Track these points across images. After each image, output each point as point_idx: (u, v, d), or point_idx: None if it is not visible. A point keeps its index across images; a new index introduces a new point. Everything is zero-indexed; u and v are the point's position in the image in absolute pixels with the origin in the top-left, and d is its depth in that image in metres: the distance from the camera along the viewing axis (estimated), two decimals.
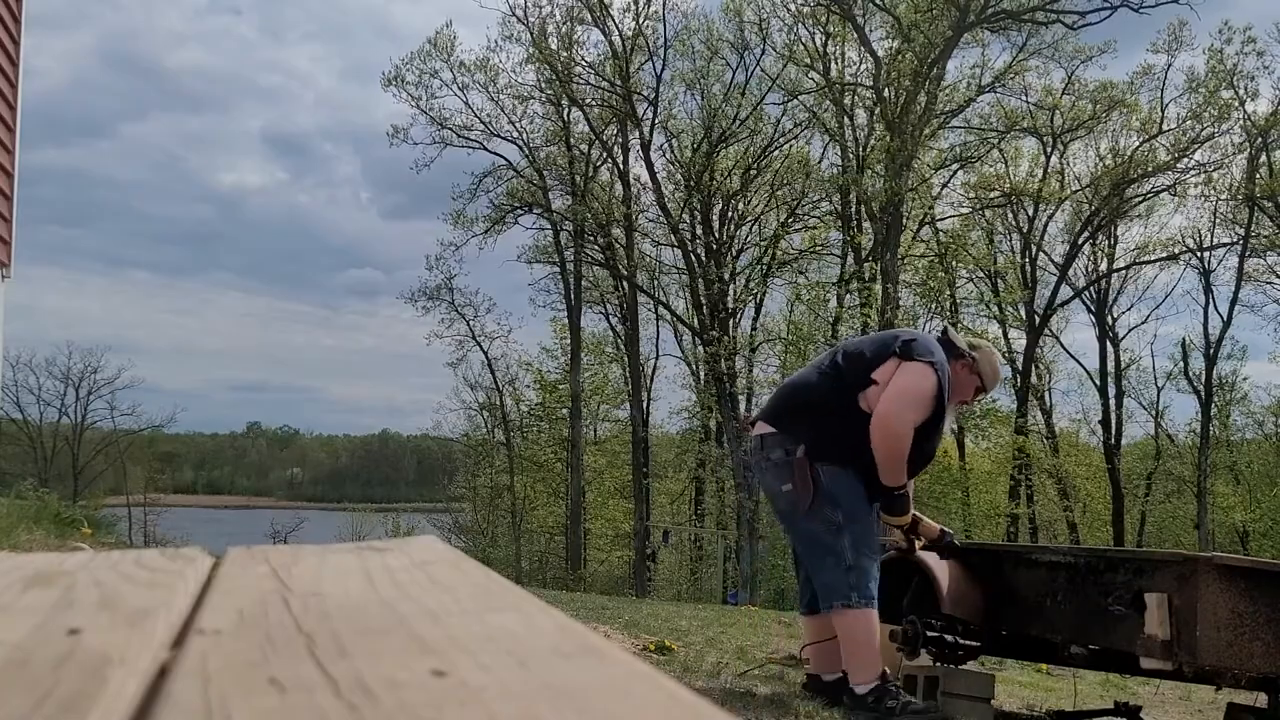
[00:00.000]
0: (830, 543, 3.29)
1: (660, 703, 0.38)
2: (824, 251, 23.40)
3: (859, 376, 3.38)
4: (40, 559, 0.70)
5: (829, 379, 3.46)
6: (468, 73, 22.37)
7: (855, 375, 3.39)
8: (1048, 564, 3.45)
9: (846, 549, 3.28)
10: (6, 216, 6.72)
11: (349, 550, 0.72)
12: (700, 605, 11.51)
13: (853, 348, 3.56)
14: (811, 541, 3.37)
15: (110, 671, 0.41)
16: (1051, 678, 5.46)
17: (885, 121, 18.70)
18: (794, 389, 3.61)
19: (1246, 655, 2.96)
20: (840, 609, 3.27)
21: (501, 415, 27.29)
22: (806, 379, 3.59)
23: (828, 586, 3.32)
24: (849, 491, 3.33)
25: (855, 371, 3.40)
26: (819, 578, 3.38)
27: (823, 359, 3.67)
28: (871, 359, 3.39)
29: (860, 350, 3.49)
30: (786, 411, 3.50)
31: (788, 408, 3.51)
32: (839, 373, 3.45)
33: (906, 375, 3.32)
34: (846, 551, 3.28)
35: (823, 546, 3.31)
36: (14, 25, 6.79)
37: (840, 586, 3.26)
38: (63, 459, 37.36)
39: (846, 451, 3.33)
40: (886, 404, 3.28)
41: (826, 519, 3.30)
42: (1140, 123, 22.00)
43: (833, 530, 3.29)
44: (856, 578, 3.25)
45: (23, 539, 6.62)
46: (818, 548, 3.34)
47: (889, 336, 3.61)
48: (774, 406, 3.61)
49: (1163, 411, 26.95)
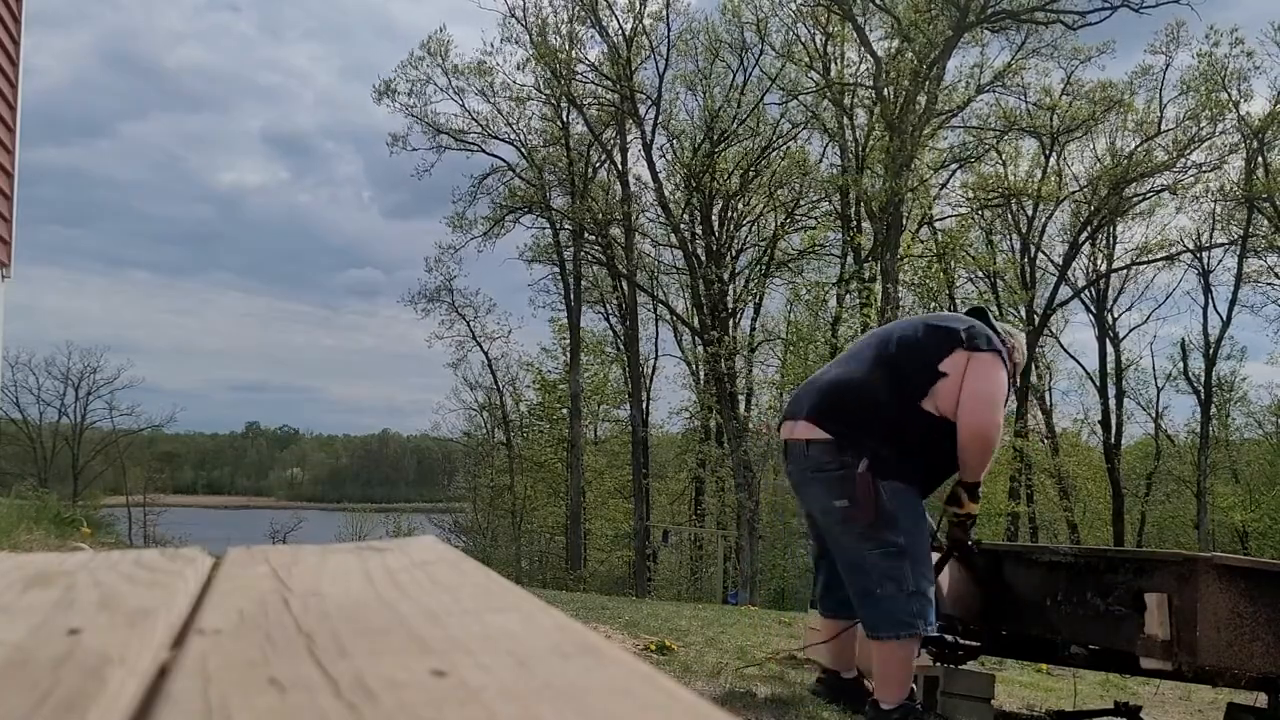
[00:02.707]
0: (888, 567, 3.01)
1: (660, 703, 0.38)
2: (824, 251, 23.40)
3: (922, 370, 3.06)
4: (40, 559, 0.70)
5: (886, 376, 3.08)
6: (463, 76, 22.40)
7: (916, 369, 3.07)
8: (1048, 564, 3.45)
9: (908, 574, 3.02)
10: (6, 216, 6.71)
11: (349, 550, 0.72)
12: (700, 605, 11.51)
13: (906, 336, 3.17)
14: (864, 564, 3.05)
15: (110, 671, 0.41)
16: (1051, 678, 5.46)
17: (885, 121, 18.70)
18: (846, 387, 3.14)
19: (1246, 655, 2.96)
20: (900, 639, 3.02)
21: (502, 415, 27.30)
22: (859, 375, 3.14)
23: (888, 614, 3.01)
24: (910, 510, 3.06)
25: (916, 365, 3.07)
26: (873, 603, 3.05)
27: (864, 349, 3.23)
28: (933, 350, 3.07)
29: (914, 339, 3.14)
30: (840, 413, 3.09)
31: (841, 409, 3.10)
32: (896, 368, 3.09)
33: (985, 369, 3.03)
34: (908, 577, 3.02)
35: (879, 571, 3.02)
36: (14, 25, 6.78)
37: (902, 615, 3.00)
38: (62, 459, 37.37)
39: (909, 465, 3.05)
40: (979, 409, 3.00)
41: (886, 542, 3.02)
42: (1138, 123, 22.01)
43: (892, 554, 3.01)
44: (920, 605, 3.02)
45: (23, 539, 6.62)
46: (872, 572, 3.03)
47: (943, 323, 3.21)
48: (821, 406, 3.13)
49: (1162, 411, 27.00)
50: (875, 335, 3.34)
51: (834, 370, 3.29)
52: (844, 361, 3.30)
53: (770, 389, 25.43)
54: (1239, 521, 24.81)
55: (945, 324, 3.21)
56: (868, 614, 3.08)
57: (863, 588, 3.07)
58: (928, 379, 3.04)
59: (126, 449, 38.92)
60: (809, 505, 3.26)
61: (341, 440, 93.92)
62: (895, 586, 3.00)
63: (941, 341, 3.09)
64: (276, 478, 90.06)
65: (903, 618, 3.00)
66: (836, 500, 3.05)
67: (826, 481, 3.06)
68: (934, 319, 3.33)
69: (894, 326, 3.33)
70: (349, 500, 61.60)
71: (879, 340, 3.24)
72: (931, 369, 3.04)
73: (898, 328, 3.30)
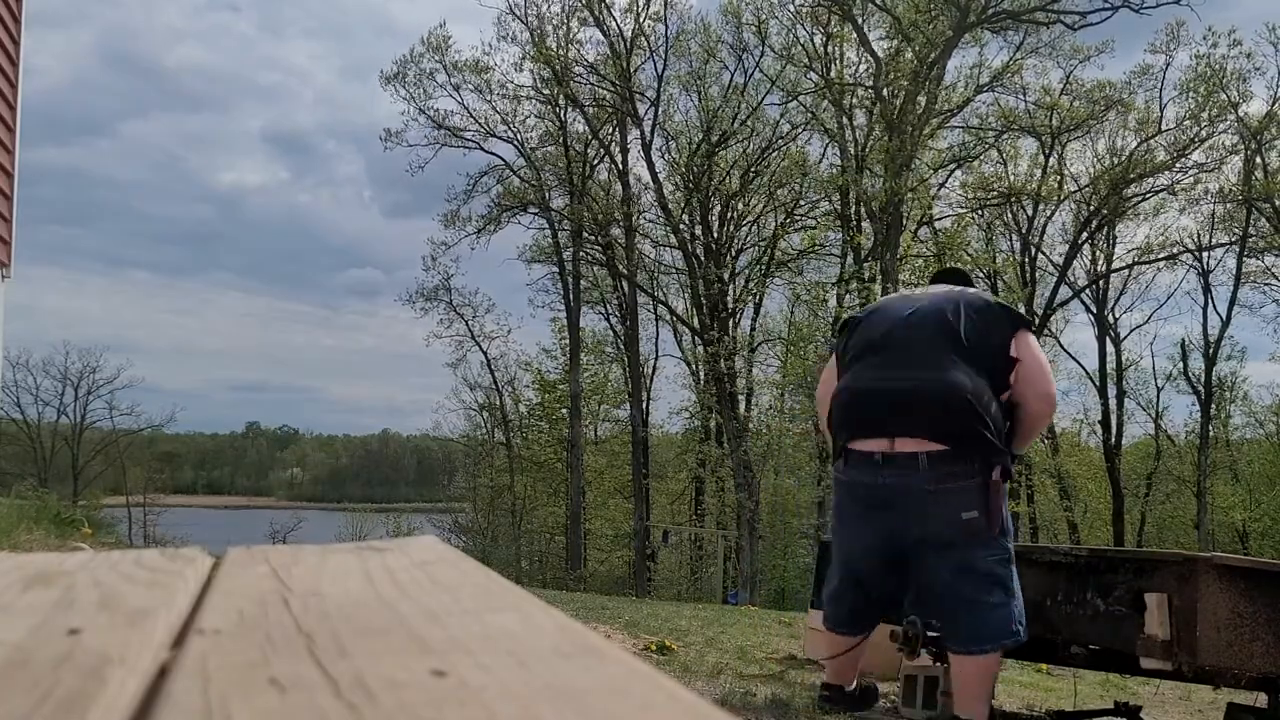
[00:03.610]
0: (1002, 575, 2.96)
1: (660, 703, 0.38)
2: (824, 251, 23.41)
3: (1001, 362, 3.01)
4: (40, 559, 0.70)
5: (981, 376, 2.97)
6: (462, 73, 22.39)
7: (997, 362, 3.00)
8: (1048, 564, 3.45)
9: (1014, 579, 3.00)
10: (6, 216, 6.71)
11: (349, 550, 0.72)
12: (700, 605, 11.50)
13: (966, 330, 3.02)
14: (981, 574, 2.93)
15: (110, 671, 0.41)
16: (1051, 678, 5.46)
17: (885, 121, 18.70)
18: (950, 391, 2.94)
19: (1246, 655, 2.96)
20: (997, 649, 2.97)
21: (501, 415, 27.30)
22: (957, 378, 2.95)
23: (999, 623, 2.94)
24: (1009, 514, 3.05)
25: (995, 357, 3.01)
26: (983, 612, 2.93)
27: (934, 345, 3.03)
28: (999, 338, 3.03)
29: (975, 329, 3.03)
30: (951, 423, 2.93)
31: (952, 418, 2.93)
32: (982, 364, 2.99)
33: (1038, 347, 3.10)
34: (1013, 581, 3.00)
35: (992, 578, 2.94)
36: (14, 25, 6.78)
37: (1007, 623, 2.95)
38: (62, 459, 37.37)
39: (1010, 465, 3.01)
40: (1047, 381, 3.05)
41: (1001, 548, 2.97)
42: (1139, 122, 22.01)
43: (1004, 560, 2.97)
44: (1020, 609, 2.99)
45: (23, 539, 6.62)
46: (986, 580, 2.93)
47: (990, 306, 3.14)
48: (928, 418, 2.94)
49: (1162, 411, 27.00)
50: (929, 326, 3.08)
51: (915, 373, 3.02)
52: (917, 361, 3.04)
53: (770, 389, 25.45)
54: (1239, 521, 24.82)
55: (1000, 303, 3.20)
56: (977, 626, 2.94)
57: (970, 598, 2.94)
58: (1008, 369, 3.01)
59: (126, 449, 38.92)
60: (910, 521, 2.96)
61: (341, 440, 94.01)
62: (1004, 593, 2.96)
63: (1005, 327, 3.07)
64: (276, 478, 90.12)
65: (1013, 625, 2.96)
66: (965, 512, 2.90)
67: (956, 495, 2.90)
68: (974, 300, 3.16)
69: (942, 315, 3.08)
70: (349, 500, 61.65)
71: (943, 334, 3.04)
72: (1008, 359, 3.02)
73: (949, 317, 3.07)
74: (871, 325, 3.23)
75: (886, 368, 3.09)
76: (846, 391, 3.18)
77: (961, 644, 2.97)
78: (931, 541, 2.96)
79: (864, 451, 3.02)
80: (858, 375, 3.17)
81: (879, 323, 3.22)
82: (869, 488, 3.02)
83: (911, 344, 3.08)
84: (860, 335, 3.24)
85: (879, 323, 3.22)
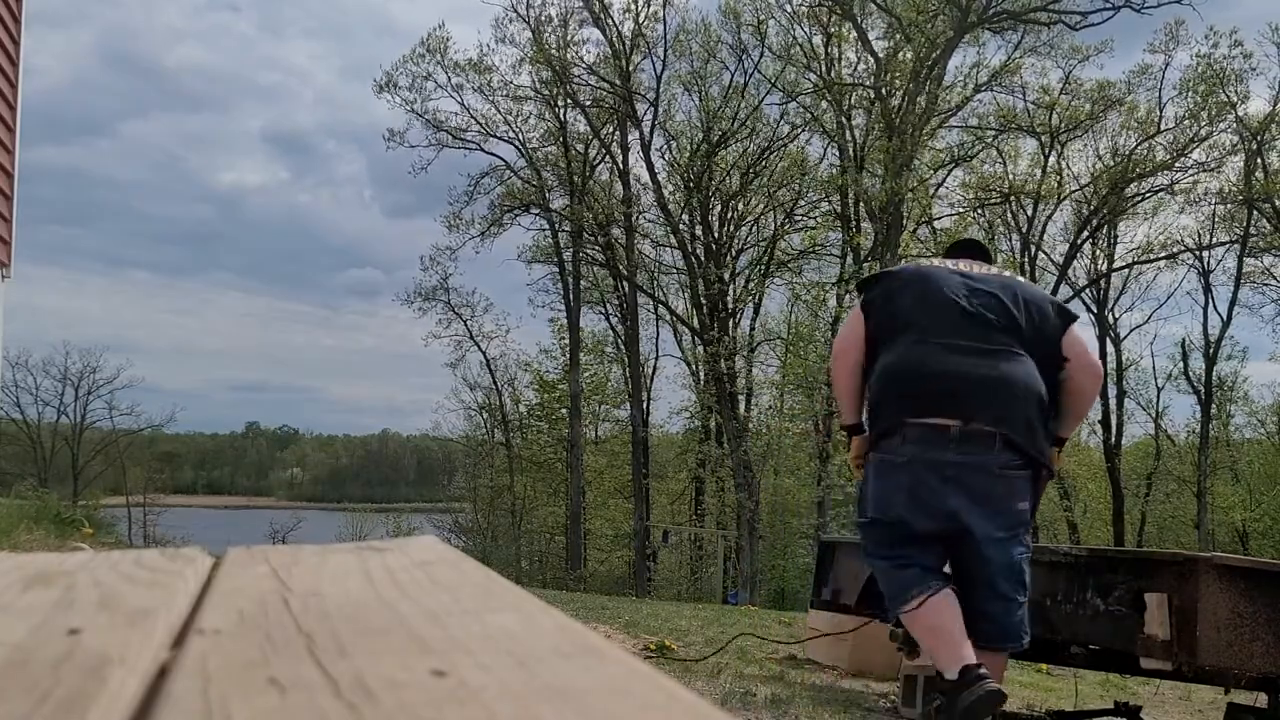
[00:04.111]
0: (1027, 573, 2.95)
1: (660, 703, 0.38)
2: (823, 251, 23.42)
3: (1053, 358, 3.02)
4: (40, 559, 0.70)
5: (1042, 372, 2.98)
6: (462, 73, 22.38)
7: (1050, 357, 3.01)
8: (1048, 564, 3.45)
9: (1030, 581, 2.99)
10: (6, 217, 6.71)
11: (349, 550, 0.72)
12: (700, 605, 11.50)
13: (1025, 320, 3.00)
14: (1016, 570, 2.91)
15: (110, 671, 0.41)
16: (1051, 678, 5.46)
17: (885, 121, 18.70)
18: (1022, 381, 2.92)
19: (1246, 655, 2.96)
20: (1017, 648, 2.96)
21: (501, 415, 27.29)
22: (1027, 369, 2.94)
23: (1019, 623, 2.92)
24: None
25: (1049, 352, 3.01)
26: (1012, 610, 2.90)
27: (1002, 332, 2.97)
28: (1052, 334, 3.03)
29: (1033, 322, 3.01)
30: (1022, 410, 2.90)
31: (1022, 406, 2.90)
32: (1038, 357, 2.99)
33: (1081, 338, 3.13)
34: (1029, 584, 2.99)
35: (1021, 576, 2.92)
36: (14, 25, 6.78)
37: (1023, 625, 2.93)
38: (62, 459, 37.36)
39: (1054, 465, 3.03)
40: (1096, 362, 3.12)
41: (1029, 546, 2.97)
42: (1139, 122, 22.01)
43: (1029, 560, 2.96)
44: (1028, 614, 2.98)
45: (23, 539, 6.63)
46: (1019, 576, 2.91)
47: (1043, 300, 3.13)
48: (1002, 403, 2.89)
49: (1163, 411, 26.99)
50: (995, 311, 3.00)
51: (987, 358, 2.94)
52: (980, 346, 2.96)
53: (770, 389, 25.45)
54: (1239, 521, 24.82)
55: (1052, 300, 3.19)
56: (1002, 623, 2.90)
57: (1004, 594, 2.89)
58: (1058, 365, 3.02)
59: (126, 449, 38.92)
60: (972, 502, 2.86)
61: (341, 440, 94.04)
62: (1025, 594, 2.94)
63: (1057, 323, 3.05)
64: (276, 478, 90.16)
65: (1024, 628, 2.94)
66: (1020, 502, 2.88)
67: (1011, 482, 2.87)
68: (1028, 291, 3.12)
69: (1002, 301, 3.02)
70: (349, 500, 61.64)
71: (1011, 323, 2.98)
72: (1059, 356, 3.02)
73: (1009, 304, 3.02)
74: (926, 294, 3.07)
75: (952, 347, 2.95)
76: (905, 367, 2.99)
77: (987, 640, 2.87)
78: (985, 532, 2.86)
79: (934, 425, 2.88)
80: (918, 349, 2.99)
81: (935, 294, 3.05)
82: (933, 464, 2.87)
83: (978, 326, 2.97)
84: (911, 302, 3.07)
85: (935, 294, 3.05)
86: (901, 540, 2.97)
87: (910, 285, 3.12)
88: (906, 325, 3.02)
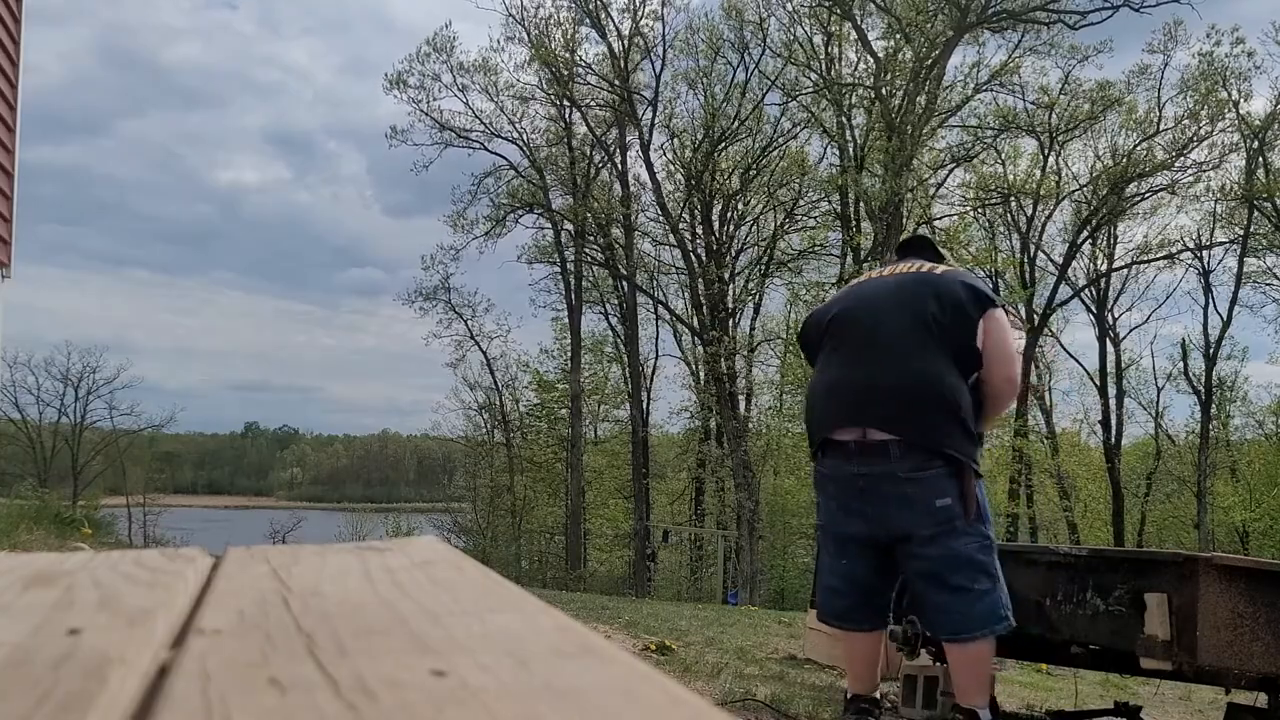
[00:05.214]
0: (984, 561, 2.95)
1: (660, 703, 0.38)
2: (823, 252, 23.43)
3: (970, 346, 3.00)
4: (40, 559, 0.70)
5: (951, 362, 2.97)
6: (467, 74, 22.39)
7: (966, 346, 3.00)
8: (1048, 564, 3.45)
9: (996, 565, 2.98)
10: (6, 217, 6.71)
11: (349, 550, 0.72)
12: (700, 605, 11.51)
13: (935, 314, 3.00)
14: (962, 561, 2.94)
15: (110, 671, 0.41)
16: (1051, 678, 5.46)
17: (885, 121, 18.71)
18: (920, 381, 2.95)
19: (1246, 655, 2.96)
20: (987, 636, 2.95)
21: (501, 415, 27.28)
22: (928, 368, 2.96)
23: (987, 610, 2.93)
24: (986, 500, 3.05)
25: (964, 341, 3.00)
26: (970, 600, 2.93)
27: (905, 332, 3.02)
28: (967, 327, 3.01)
29: (945, 313, 3.00)
30: (922, 412, 2.94)
31: (923, 407, 2.94)
32: (951, 349, 2.99)
33: (1004, 327, 3.06)
34: (996, 567, 2.98)
35: (975, 565, 2.94)
36: (14, 25, 6.78)
37: (996, 609, 2.94)
38: (62, 459, 37.34)
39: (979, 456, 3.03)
40: (1010, 365, 3.07)
41: (981, 534, 2.97)
42: (1138, 121, 22.02)
43: (987, 548, 2.97)
44: (1005, 596, 2.98)
45: (23, 539, 6.63)
46: (969, 567, 2.93)
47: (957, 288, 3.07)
48: (898, 407, 2.95)
49: (1163, 411, 26.99)
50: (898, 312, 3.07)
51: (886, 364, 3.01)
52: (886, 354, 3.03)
53: (770, 389, 25.46)
54: (1239, 521, 24.81)
55: (968, 284, 3.11)
56: (962, 613, 2.93)
57: (957, 586, 2.93)
58: (977, 352, 3.01)
59: (126, 449, 38.88)
60: (888, 509, 2.96)
61: (341, 440, 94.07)
62: (990, 581, 2.95)
63: (973, 309, 3.03)
64: (276, 478, 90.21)
65: (1000, 611, 2.94)
66: (939, 499, 2.91)
67: (926, 483, 2.91)
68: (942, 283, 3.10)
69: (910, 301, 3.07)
70: (349, 500, 61.66)
71: (916, 322, 3.02)
72: (974, 342, 3.01)
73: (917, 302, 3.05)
74: (842, 314, 3.21)
75: (856, 358, 3.08)
76: (819, 385, 3.19)
77: (951, 632, 2.95)
78: (911, 532, 2.95)
79: (838, 441, 3.03)
80: (828, 367, 3.17)
81: (848, 312, 3.20)
82: (846, 478, 3.03)
83: (880, 332, 3.06)
84: (832, 326, 3.22)
85: (848, 312, 3.20)
86: (841, 548, 3.16)
87: (824, 310, 3.36)
88: (828, 349, 3.22)
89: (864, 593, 3.15)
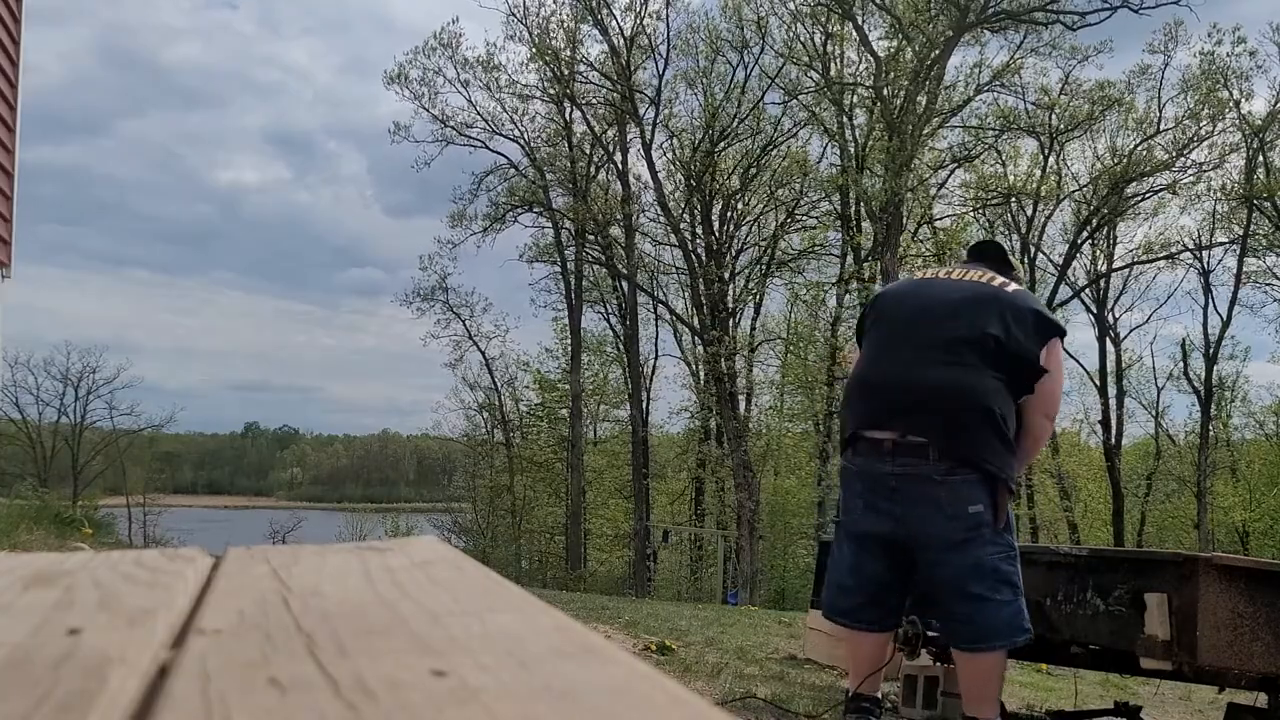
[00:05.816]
0: (1008, 571, 2.92)
1: (660, 703, 0.38)
2: (823, 251, 23.43)
3: (1028, 370, 2.96)
4: (40, 559, 0.70)
5: (1001, 382, 2.94)
6: (470, 69, 22.40)
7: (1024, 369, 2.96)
8: (1047, 564, 3.45)
9: (1019, 576, 2.96)
10: (6, 217, 6.71)
11: (349, 550, 0.72)
12: (700, 605, 11.51)
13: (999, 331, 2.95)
14: (987, 570, 2.90)
15: (110, 671, 0.41)
16: (1051, 678, 5.46)
17: (885, 121, 18.71)
18: (966, 393, 2.91)
19: (1246, 655, 2.96)
20: (1006, 647, 2.93)
21: (501, 415, 27.28)
22: (976, 383, 2.92)
23: (1007, 621, 2.91)
24: (1012, 513, 3.04)
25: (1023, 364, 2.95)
26: (991, 610, 2.89)
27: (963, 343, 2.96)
28: (1032, 345, 2.96)
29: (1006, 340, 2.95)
30: (966, 422, 2.90)
31: (968, 418, 2.90)
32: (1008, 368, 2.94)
33: (1059, 364, 3.08)
34: (1019, 578, 2.96)
35: (999, 575, 2.91)
36: (14, 25, 6.78)
37: (1017, 620, 2.92)
38: (62, 459, 37.31)
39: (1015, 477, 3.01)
40: (1052, 405, 3.07)
41: (1007, 545, 2.94)
42: (1138, 121, 22.02)
43: (1010, 557, 2.94)
44: (1026, 608, 2.98)
45: (23, 539, 6.63)
46: (992, 576, 2.90)
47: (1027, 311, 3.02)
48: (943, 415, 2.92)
49: (1163, 411, 26.98)
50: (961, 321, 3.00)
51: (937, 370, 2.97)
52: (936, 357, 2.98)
53: (770, 389, 25.45)
54: (1239, 521, 24.80)
55: (1036, 310, 3.07)
56: (983, 623, 2.90)
57: (979, 595, 2.90)
58: (1034, 376, 2.98)
59: (126, 449, 38.86)
60: (919, 510, 2.92)
61: (341, 440, 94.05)
62: (1011, 591, 2.92)
63: (1042, 335, 3.00)
64: (276, 478, 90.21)
65: (1020, 622, 2.93)
66: (972, 505, 2.87)
67: (957, 487, 2.88)
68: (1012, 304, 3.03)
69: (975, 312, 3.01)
70: (349, 500, 61.65)
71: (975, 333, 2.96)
72: (1037, 368, 2.98)
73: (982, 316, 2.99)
74: (900, 309, 3.18)
75: (908, 358, 3.03)
76: (863, 379, 3.14)
77: (969, 642, 2.92)
78: (938, 536, 2.92)
79: (874, 439, 2.99)
80: (876, 363, 3.13)
81: (907, 308, 3.16)
82: (878, 475, 2.99)
83: (937, 337, 3.01)
84: (886, 317, 3.18)
85: (907, 308, 3.16)
86: (860, 545, 3.12)
87: (881, 300, 3.31)
88: (877, 342, 3.20)
89: (875, 592, 3.12)
